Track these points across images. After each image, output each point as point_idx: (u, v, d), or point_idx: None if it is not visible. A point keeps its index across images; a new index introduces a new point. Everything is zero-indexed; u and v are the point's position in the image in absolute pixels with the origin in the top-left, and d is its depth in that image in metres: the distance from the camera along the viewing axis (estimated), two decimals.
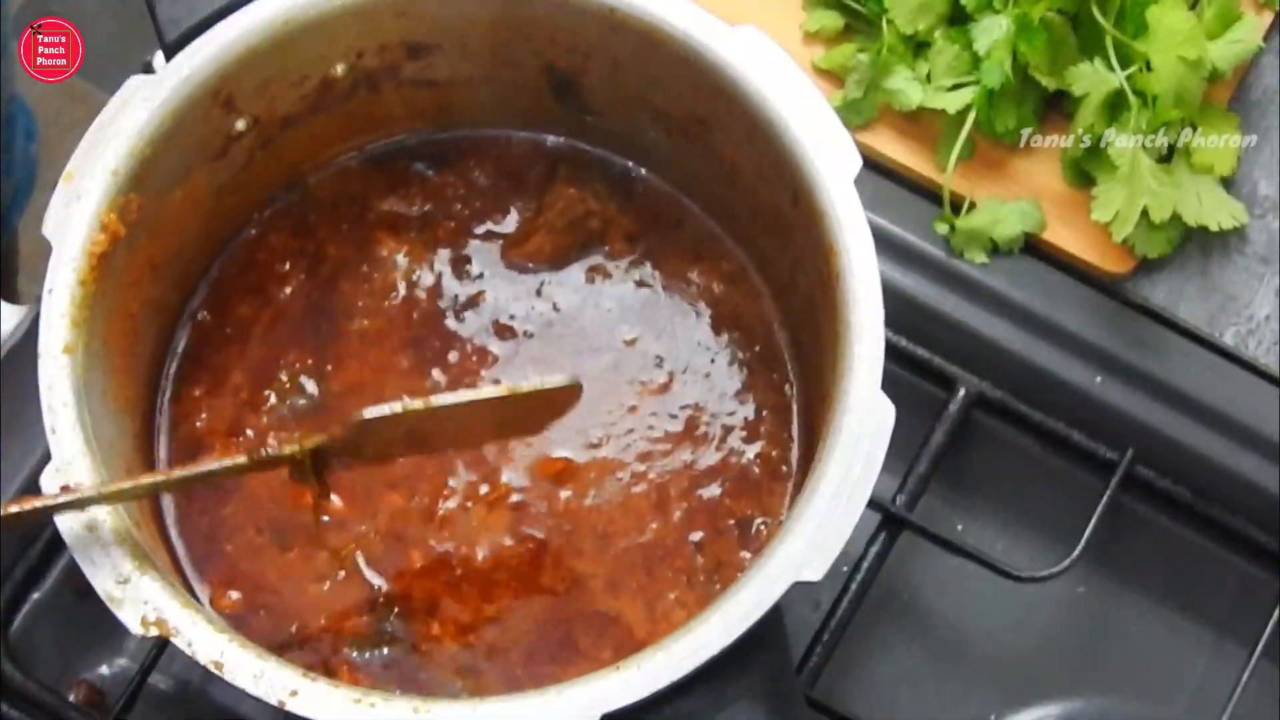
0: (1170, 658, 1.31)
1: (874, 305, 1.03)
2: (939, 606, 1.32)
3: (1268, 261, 1.36)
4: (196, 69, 1.08)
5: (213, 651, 0.94)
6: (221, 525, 1.14)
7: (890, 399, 1.00)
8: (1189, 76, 1.27)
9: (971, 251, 1.33)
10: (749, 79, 1.08)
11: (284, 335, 1.20)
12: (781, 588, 0.96)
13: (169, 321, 1.18)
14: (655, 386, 1.19)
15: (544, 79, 1.20)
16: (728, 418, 1.18)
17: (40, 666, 1.21)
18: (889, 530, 1.26)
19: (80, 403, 1.01)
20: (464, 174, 1.25)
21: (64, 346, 1.01)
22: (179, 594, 0.97)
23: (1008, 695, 1.29)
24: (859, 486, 0.99)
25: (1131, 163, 1.27)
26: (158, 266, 1.13)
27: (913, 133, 1.36)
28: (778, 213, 1.13)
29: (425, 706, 0.93)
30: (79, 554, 0.96)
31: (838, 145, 1.06)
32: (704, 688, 0.97)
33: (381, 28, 1.14)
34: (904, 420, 1.02)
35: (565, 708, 0.93)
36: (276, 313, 1.20)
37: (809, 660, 1.22)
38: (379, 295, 1.21)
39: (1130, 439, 1.30)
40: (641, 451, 1.17)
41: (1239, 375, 1.32)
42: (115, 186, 1.05)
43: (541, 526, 1.14)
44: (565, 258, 1.23)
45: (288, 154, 1.19)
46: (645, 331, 1.21)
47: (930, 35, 1.34)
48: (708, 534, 1.15)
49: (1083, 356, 1.32)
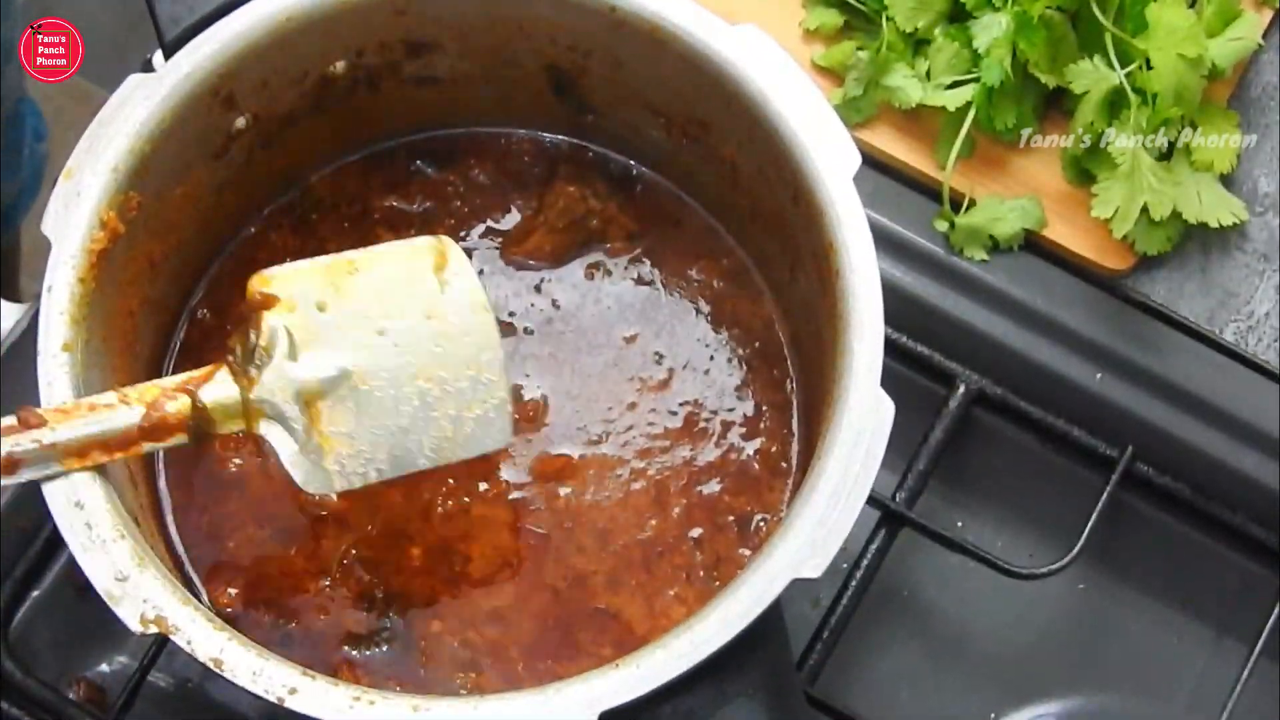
0: (1170, 654, 1.32)
1: (874, 302, 1.03)
2: (939, 603, 1.32)
3: (1268, 258, 1.36)
4: (196, 66, 1.08)
5: (212, 649, 0.94)
6: (222, 523, 1.14)
7: (890, 396, 1.00)
8: (1188, 74, 1.27)
9: (971, 249, 1.33)
10: (749, 77, 1.08)
11: None
12: (781, 585, 0.96)
13: (169, 319, 1.18)
14: (655, 383, 1.19)
15: (545, 78, 1.20)
16: (727, 414, 1.18)
17: (40, 664, 1.22)
18: (889, 527, 1.26)
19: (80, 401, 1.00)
20: (464, 172, 1.25)
21: (63, 344, 1.01)
22: (178, 591, 0.96)
23: (1008, 692, 1.30)
24: (859, 483, 0.99)
25: (1131, 160, 1.27)
26: (157, 264, 1.13)
27: (912, 130, 1.36)
28: (778, 210, 1.13)
29: (425, 704, 0.93)
30: (78, 552, 0.96)
31: (837, 143, 1.07)
32: (704, 685, 0.97)
33: (382, 25, 1.14)
34: (904, 417, 1.02)
35: (565, 705, 0.93)
36: None
37: (809, 657, 1.22)
38: None
39: (1130, 436, 1.30)
40: (641, 448, 1.17)
41: (1239, 372, 1.32)
42: (115, 184, 1.05)
43: (541, 523, 1.15)
44: (565, 255, 1.23)
45: (288, 152, 1.19)
46: (645, 328, 1.21)
47: (930, 32, 1.34)
48: (707, 530, 1.15)
49: (1082, 353, 1.32)
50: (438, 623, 1.11)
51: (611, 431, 1.17)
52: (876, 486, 1.01)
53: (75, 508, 0.97)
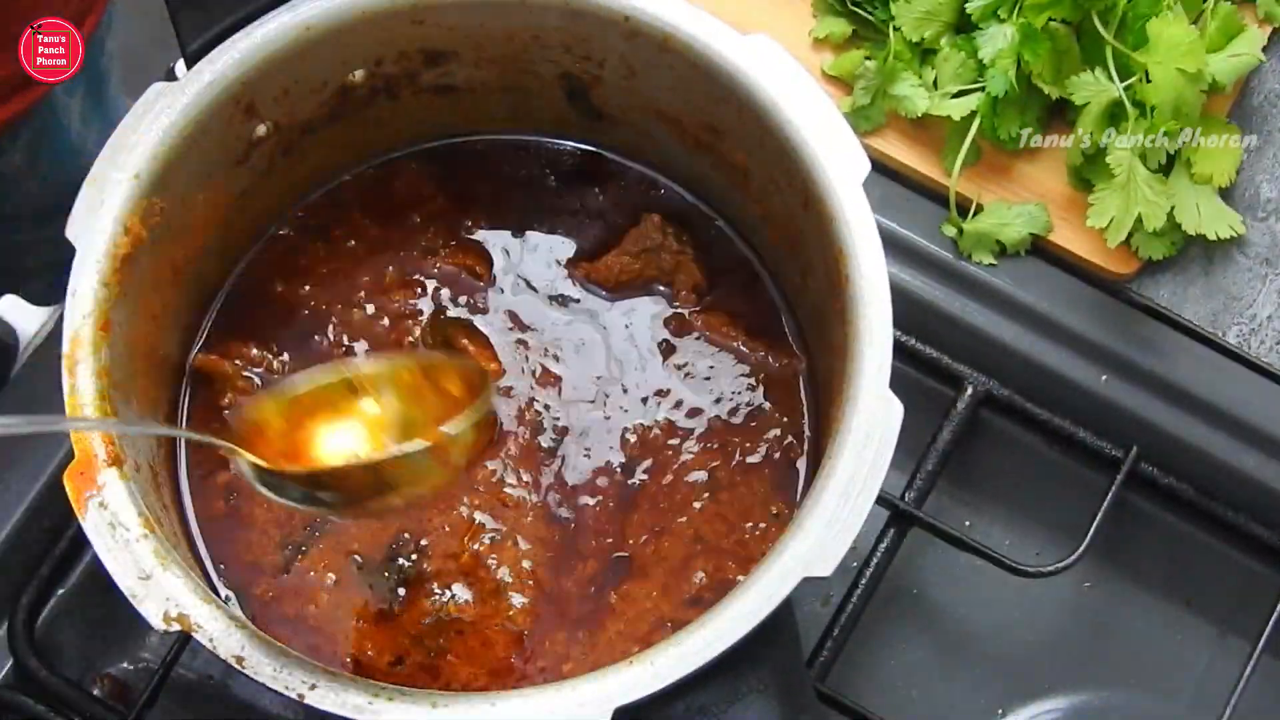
0: (1174, 651, 1.32)
1: (883, 306, 1.04)
2: (947, 601, 1.33)
3: (1270, 263, 1.37)
4: (218, 75, 1.08)
5: (233, 646, 0.95)
6: (245, 521, 1.15)
7: (899, 397, 1.01)
8: (1187, 88, 1.27)
9: (979, 253, 1.34)
10: (760, 85, 1.09)
11: (307, 340, 1.21)
12: (792, 583, 0.97)
13: (191, 324, 1.19)
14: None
15: (559, 86, 1.20)
16: (738, 415, 1.19)
17: (65, 661, 1.23)
18: (898, 526, 1.27)
19: (104, 404, 1.02)
20: (477, 179, 1.26)
21: (86, 348, 1.02)
22: (200, 589, 0.97)
23: (1014, 688, 1.31)
24: (868, 483, 0.99)
25: (1128, 171, 1.28)
26: (180, 269, 1.13)
27: (920, 137, 1.37)
28: (788, 216, 1.14)
29: (443, 701, 0.94)
30: (102, 551, 0.97)
31: (847, 150, 1.07)
32: (716, 682, 0.98)
33: (400, 35, 1.14)
34: (912, 418, 1.03)
35: (580, 702, 0.94)
36: (300, 316, 1.21)
37: (819, 654, 1.23)
38: (402, 300, 1.22)
39: (1135, 437, 1.31)
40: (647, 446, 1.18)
41: (1242, 374, 1.33)
42: (138, 190, 1.06)
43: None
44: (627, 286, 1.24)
45: (309, 159, 1.20)
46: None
47: (936, 42, 1.35)
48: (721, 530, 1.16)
49: (1088, 356, 1.33)
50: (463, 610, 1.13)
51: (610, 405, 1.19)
52: (886, 486, 1.01)
53: (100, 508, 0.98)
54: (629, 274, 1.22)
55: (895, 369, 1.02)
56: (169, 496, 1.12)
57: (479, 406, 1.04)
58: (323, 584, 1.13)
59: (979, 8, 1.33)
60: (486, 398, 1.06)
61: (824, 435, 1.10)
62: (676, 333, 1.21)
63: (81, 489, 0.98)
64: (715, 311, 1.22)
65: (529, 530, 1.15)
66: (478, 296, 1.22)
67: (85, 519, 0.98)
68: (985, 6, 1.33)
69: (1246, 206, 1.37)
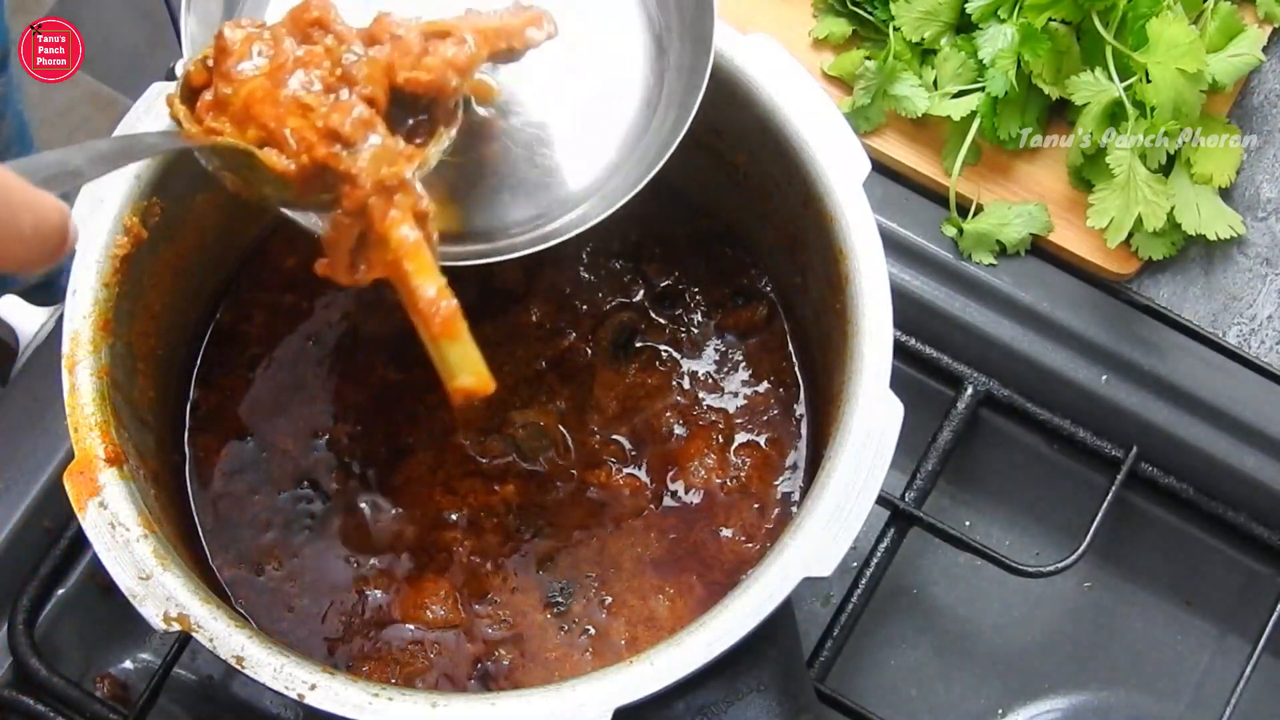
0: (1174, 651, 1.33)
1: (883, 306, 1.04)
2: (947, 601, 1.33)
3: (1270, 263, 1.37)
4: None
5: (233, 646, 0.95)
6: (245, 520, 1.16)
7: (899, 397, 1.01)
8: (1187, 89, 1.27)
9: (979, 253, 1.34)
10: (761, 85, 1.09)
11: (306, 340, 1.21)
12: (792, 582, 0.97)
13: (191, 323, 1.20)
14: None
15: None
16: (737, 417, 1.20)
17: (65, 661, 1.23)
18: (898, 526, 1.27)
19: (103, 403, 1.02)
20: None
21: (86, 347, 1.02)
22: (200, 589, 0.98)
23: (1014, 687, 1.31)
24: (868, 483, 1.00)
25: (1128, 171, 1.28)
26: (179, 269, 1.14)
27: (920, 137, 1.37)
28: (788, 215, 1.14)
29: (443, 701, 0.95)
30: (102, 551, 0.97)
31: (847, 150, 1.07)
32: (717, 680, 0.98)
33: None
34: (913, 418, 1.03)
35: (580, 703, 0.94)
36: (299, 316, 1.22)
37: (820, 653, 1.23)
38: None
39: (1135, 436, 1.31)
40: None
41: (1242, 374, 1.33)
42: (138, 190, 1.06)
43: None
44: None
45: None
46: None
47: (936, 43, 1.35)
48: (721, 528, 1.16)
49: (1088, 356, 1.33)
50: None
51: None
52: (886, 486, 1.02)
53: (99, 508, 0.98)
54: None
55: (895, 369, 1.03)
56: (168, 495, 1.12)
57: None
58: (322, 579, 1.14)
59: (979, 8, 1.33)
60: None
61: (824, 435, 1.10)
62: (674, 335, 1.22)
63: (81, 489, 0.99)
64: (715, 311, 1.22)
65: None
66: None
67: (85, 519, 0.98)
68: (985, 7, 1.33)
69: (1246, 206, 1.37)
